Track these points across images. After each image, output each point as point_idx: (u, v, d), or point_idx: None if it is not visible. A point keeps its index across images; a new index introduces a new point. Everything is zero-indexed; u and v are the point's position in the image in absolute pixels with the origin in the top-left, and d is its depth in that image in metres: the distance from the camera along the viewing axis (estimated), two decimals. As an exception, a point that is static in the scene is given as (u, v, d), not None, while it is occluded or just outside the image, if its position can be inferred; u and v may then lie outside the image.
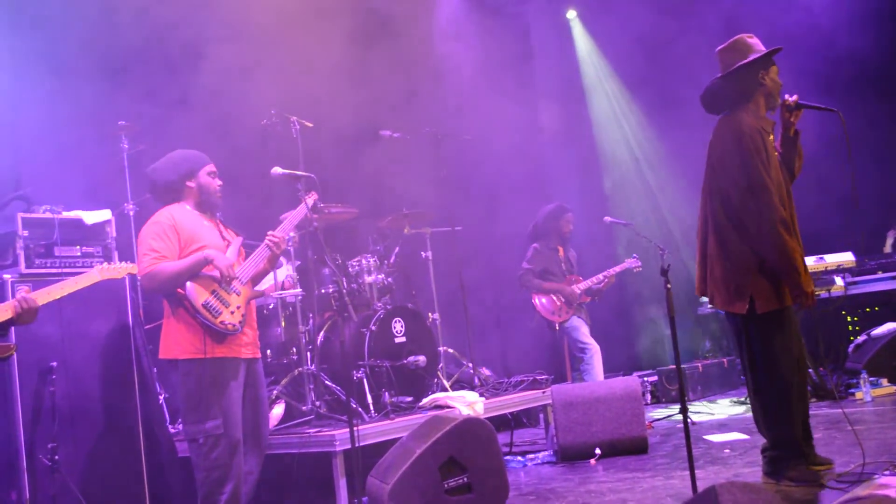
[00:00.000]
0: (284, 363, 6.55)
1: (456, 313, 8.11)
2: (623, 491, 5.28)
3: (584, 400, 6.69)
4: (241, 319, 4.93)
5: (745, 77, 4.96)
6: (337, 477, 5.51)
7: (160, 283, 4.80)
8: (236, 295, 4.94)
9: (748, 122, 4.88)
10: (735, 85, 4.99)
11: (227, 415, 4.81)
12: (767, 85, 4.96)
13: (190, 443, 4.85)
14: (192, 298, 4.76)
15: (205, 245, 4.93)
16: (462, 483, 4.86)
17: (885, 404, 7.19)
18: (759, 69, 4.95)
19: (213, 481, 4.77)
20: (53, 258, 5.54)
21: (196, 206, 5.13)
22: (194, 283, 4.80)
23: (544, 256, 8.57)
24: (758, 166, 4.78)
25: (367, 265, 7.10)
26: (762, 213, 4.75)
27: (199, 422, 4.77)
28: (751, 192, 4.78)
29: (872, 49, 9.91)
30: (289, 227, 5.34)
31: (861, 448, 4.85)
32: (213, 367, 4.82)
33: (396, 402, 6.32)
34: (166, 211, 5.01)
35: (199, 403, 4.78)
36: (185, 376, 4.81)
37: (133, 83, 7.37)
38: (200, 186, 5.12)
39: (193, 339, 4.80)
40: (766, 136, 4.93)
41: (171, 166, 5.12)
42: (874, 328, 8.69)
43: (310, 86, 7.73)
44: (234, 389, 4.89)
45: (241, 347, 4.97)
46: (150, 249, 4.83)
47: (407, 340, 6.78)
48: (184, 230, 4.92)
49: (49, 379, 5.25)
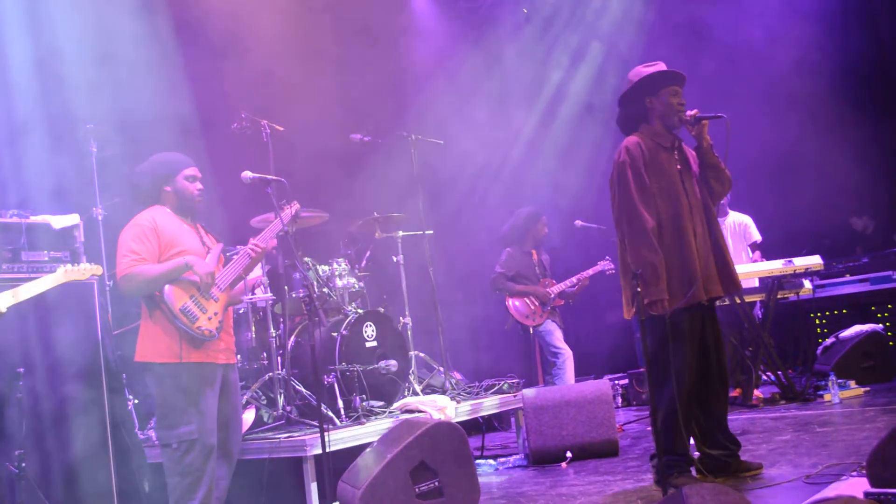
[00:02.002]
0: (255, 368, 6.53)
1: (427, 317, 8.09)
2: (594, 494, 5.30)
3: (555, 403, 6.70)
4: (219, 325, 4.91)
5: (634, 103, 5.33)
6: (308, 482, 5.49)
7: (138, 285, 4.76)
8: (214, 301, 4.91)
9: (630, 140, 5.23)
10: (627, 111, 5.39)
11: (202, 420, 4.78)
12: (657, 108, 5.27)
13: (163, 447, 4.81)
14: (170, 302, 4.73)
15: (185, 250, 4.89)
16: (433, 487, 4.86)
17: (853, 406, 7.25)
18: (645, 95, 5.29)
19: (184, 487, 4.74)
20: (21, 263, 5.48)
21: (175, 210, 5.08)
22: (173, 287, 4.76)
23: (517, 260, 8.58)
24: (627, 180, 5.11)
25: (338, 269, 7.08)
26: (629, 224, 5.09)
27: (173, 426, 4.74)
28: (621, 204, 5.15)
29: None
30: (269, 235, 5.30)
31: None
32: (189, 372, 4.78)
33: (367, 406, 6.32)
34: (147, 213, 4.97)
35: (173, 408, 4.75)
36: (159, 380, 4.78)
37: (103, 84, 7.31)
38: (177, 191, 5.07)
39: (170, 343, 4.77)
40: (660, 150, 5.22)
41: (150, 169, 5.08)
42: (842, 330, 8.80)
43: (281, 89, 7.72)
44: (209, 395, 4.86)
45: (217, 353, 4.94)
46: (130, 251, 4.79)
47: (378, 345, 6.78)
48: (164, 233, 4.88)
49: (16, 385, 5.18)
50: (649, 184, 5.12)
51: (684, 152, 5.34)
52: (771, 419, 7.09)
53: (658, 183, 5.14)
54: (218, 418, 4.93)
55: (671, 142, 5.28)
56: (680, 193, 5.17)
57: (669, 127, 5.27)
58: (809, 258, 8.01)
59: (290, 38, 8.14)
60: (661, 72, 5.26)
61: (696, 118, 5.20)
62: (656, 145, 5.22)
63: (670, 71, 5.28)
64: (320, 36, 8.33)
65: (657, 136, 5.26)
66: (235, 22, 7.78)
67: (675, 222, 5.12)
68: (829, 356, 8.54)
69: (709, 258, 5.17)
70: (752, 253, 8.77)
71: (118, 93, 7.22)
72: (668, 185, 5.16)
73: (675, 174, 5.21)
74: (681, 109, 5.24)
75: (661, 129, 5.27)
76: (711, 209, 5.33)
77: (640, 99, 5.30)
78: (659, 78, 5.26)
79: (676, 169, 5.23)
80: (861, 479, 4.05)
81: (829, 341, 8.81)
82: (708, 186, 5.33)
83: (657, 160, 5.18)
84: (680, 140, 5.36)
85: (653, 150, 5.18)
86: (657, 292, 4.96)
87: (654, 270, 4.97)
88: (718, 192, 5.36)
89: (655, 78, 5.26)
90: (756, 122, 9.83)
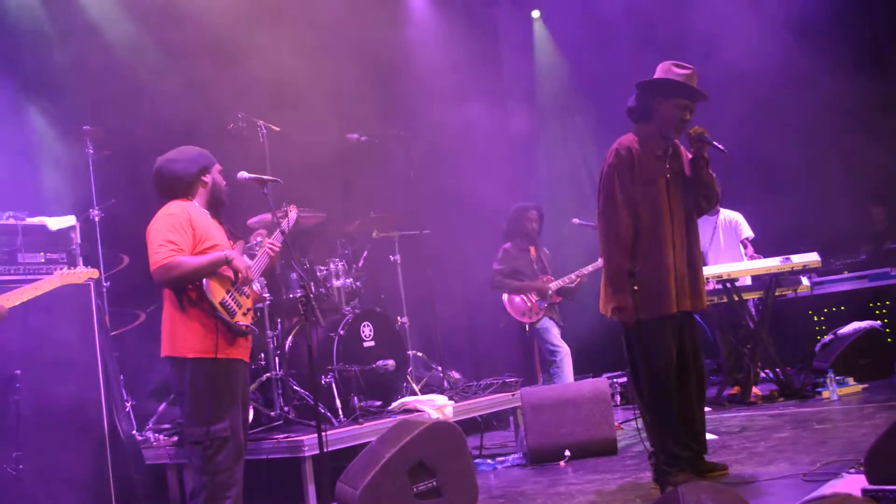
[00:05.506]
0: (253, 368, 6.51)
1: (425, 317, 8.10)
2: (592, 492, 5.29)
3: (554, 402, 6.70)
4: (252, 322, 4.85)
5: (645, 97, 5.26)
6: (306, 482, 5.49)
7: (178, 276, 4.57)
8: (246, 297, 4.86)
9: (623, 140, 5.22)
10: (638, 102, 5.29)
11: (234, 418, 4.68)
12: (661, 113, 5.20)
13: (192, 445, 4.63)
14: (211, 296, 4.62)
15: (217, 244, 4.77)
16: (431, 487, 4.85)
17: (852, 403, 7.25)
18: (657, 95, 5.21)
19: (218, 485, 4.58)
20: (17, 265, 5.48)
21: (205, 203, 4.94)
22: (210, 281, 4.64)
23: (514, 257, 8.53)
24: (612, 183, 5.12)
25: (336, 269, 7.08)
26: (607, 227, 5.14)
27: (206, 423, 4.58)
28: (603, 205, 5.18)
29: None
30: (279, 236, 5.25)
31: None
32: (223, 368, 4.66)
33: (365, 406, 6.31)
34: (178, 204, 4.79)
35: (206, 405, 4.59)
36: (192, 376, 4.61)
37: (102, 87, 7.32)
38: (214, 182, 4.96)
39: (205, 338, 4.61)
40: (650, 157, 5.19)
41: (190, 159, 4.91)
42: (840, 327, 8.79)
43: (277, 89, 7.71)
44: (238, 393, 4.77)
45: (246, 350, 4.87)
46: (167, 241, 4.59)
47: (376, 344, 6.77)
48: (198, 225, 4.73)
49: (13, 387, 5.18)
50: (633, 190, 5.12)
51: (678, 158, 5.31)
52: (769, 416, 7.10)
53: (643, 190, 5.13)
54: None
55: (664, 149, 5.24)
56: (663, 203, 5.16)
57: (665, 135, 5.22)
58: (807, 255, 8.00)
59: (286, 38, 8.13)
60: (680, 82, 5.16)
61: (699, 138, 5.16)
62: (648, 151, 5.19)
63: (689, 86, 5.17)
64: (317, 35, 8.31)
65: (651, 140, 5.22)
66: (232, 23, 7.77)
67: (654, 231, 5.12)
68: (828, 353, 8.54)
69: (683, 271, 5.19)
70: (744, 249, 8.77)
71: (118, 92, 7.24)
72: (653, 193, 5.15)
73: (662, 183, 5.19)
74: (682, 126, 5.20)
75: (656, 134, 5.23)
76: (694, 221, 5.34)
77: (651, 97, 5.22)
78: (675, 86, 5.17)
79: (665, 178, 5.21)
80: (859, 476, 4.05)
81: (828, 338, 8.80)
82: (696, 202, 5.33)
83: (645, 167, 5.16)
84: (675, 146, 5.31)
85: (643, 156, 5.16)
86: (623, 299, 5.00)
87: (621, 276, 4.97)
88: (705, 208, 5.37)
89: (672, 84, 5.17)
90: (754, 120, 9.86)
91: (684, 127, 5.20)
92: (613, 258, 5.07)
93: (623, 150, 5.16)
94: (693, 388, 5.23)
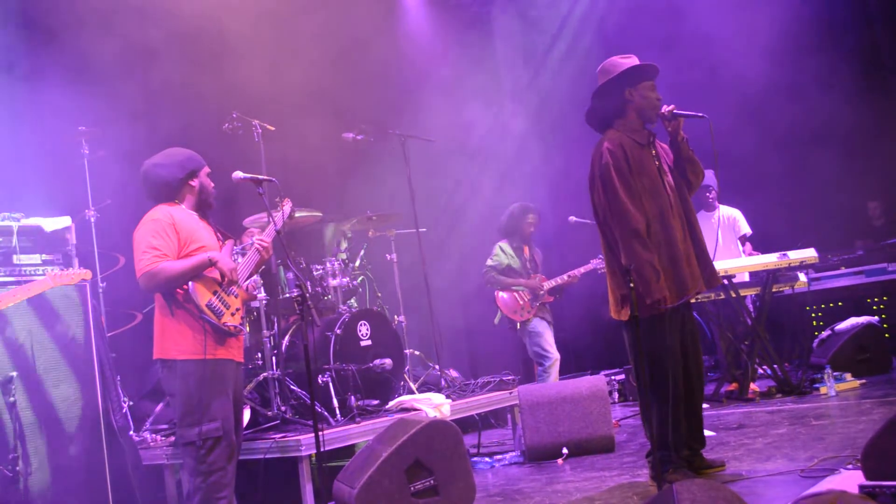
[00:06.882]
0: (249, 368, 6.51)
1: (422, 315, 8.09)
2: (590, 490, 5.29)
3: (551, 400, 6.69)
4: (241, 322, 4.86)
5: (612, 95, 5.28)
6: (303, 482, 5.48)
7: (162, 281, 4.63)
8: (234, 297, 4.85)
9: (610, 138, 5.21)
10: (604, 104, 5.33)
11: (226, 417, 4.70)
12: (635, 101, 5.25)
13: (185, 446, 4.66)
14: (196, 299, 4.65)
15: (204, 246, 4.80)
16: (429, 485, 4.85)
17: (849, 399, 7.25)
18: (625, 87, 5.25)
19: (211, 485, 4.60)
20: (12, 266, 5.46)
21: (193, 206, 4.97)
22: (196, 283, 4.67)
23: (508, 255, 8.53)
24: (613, 181, 5.11)
25: (332, 268, 7.07)
26: (620, 225, 5.09)
27: (197, 424, 4.61)
28: (609, 205, 5.12)
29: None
30: (271, 232, 5.26)
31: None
32: (213, 369, 4.68)
33: (362, 405, 6.30)
34: (162, 209, 4.83)
35: (197, 405, 4.62)
36: (183, 377, 4.65)
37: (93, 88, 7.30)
38: (202, 186, 4.98)
39: (194, 339, 4.66)
40: (638, 148, 5.22)
41: (177, 163, 4.92)
42: (838, 323, 8.79)
43: (272, 88, 7.70)
44: (229, 392, 4.78)
45: (237, 350, 4.89)
46: (150, 247, 4.64)
47: (373, 343, 6.76)
48: (182, 229, 4.76)
49: (9, 389, 5.17)
50: (634, 183, 5.12)
51: (657, 148, 5.35)
52: (767, 413, 7.10)
53: (641, 181, 5.15)
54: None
55: (647, 138, 5.29)
56: (662, 190, 5.19)
57: (646, 121, 5.27)
58: (804, 251, 8.00)
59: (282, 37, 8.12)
60: (642, 64, 5.26)
61: (674, 114, 5.19)
62: (634, 143, 5.22)
63: (649, 64, 5.28)
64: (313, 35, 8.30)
65: (634, 132, 5.25)
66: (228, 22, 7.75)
67: (661, 220, 5.13)
68: (825, 349, 8.54)
69: (690, 254, 5.20)
70: (742, 246, 8.77)
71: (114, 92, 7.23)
72: (650, 182, 5.17)
73: (655, 171, 5.22)
74: (658, 104, 5.24)
75: (636, 124, 5.27)
76: (689, 203, 5.36)
77: (619, 91, 5.26)
78: (639, 70, 5.25)
79: (655, 166, 5.24)
80: (856, 472, 4.05)
81: (825, 334, 8.80)
82: (686, 180, 5.36)
83: (638, 158, 5.18)
84: (654, 135, 5.36)
85: (632, 149, 5.19)
86: (658, 290, 4.97)
87: (653, 268, 4.98)
88: (695, 184, 5.40)
89: (636, 70, 5.24)
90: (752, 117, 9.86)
91: (660, 105, 5.24)
92: (637, 253, 5.00)
93: (615, 148, 5.16)
94: (694, 383, 5.24)
